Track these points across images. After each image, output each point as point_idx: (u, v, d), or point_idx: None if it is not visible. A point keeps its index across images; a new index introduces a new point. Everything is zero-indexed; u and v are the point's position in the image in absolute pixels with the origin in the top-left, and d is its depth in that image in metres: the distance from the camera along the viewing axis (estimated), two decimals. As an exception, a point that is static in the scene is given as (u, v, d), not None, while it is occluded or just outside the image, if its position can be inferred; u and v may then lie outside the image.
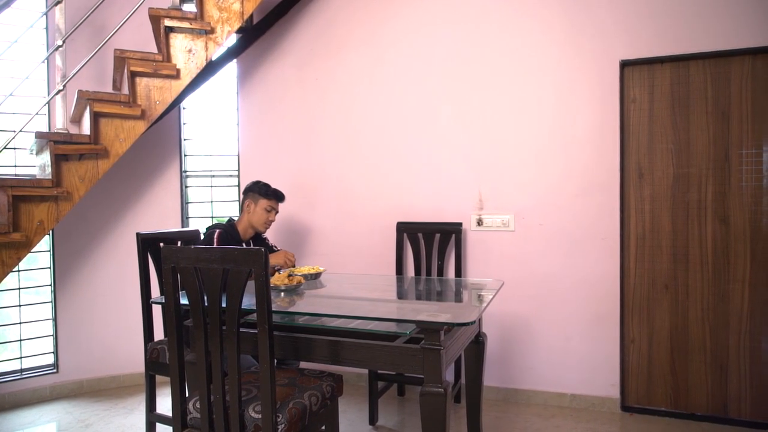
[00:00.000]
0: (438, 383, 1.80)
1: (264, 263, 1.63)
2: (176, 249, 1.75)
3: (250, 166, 3.77)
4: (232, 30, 3.07)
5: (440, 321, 1.81)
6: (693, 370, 2.92)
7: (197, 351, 1.77)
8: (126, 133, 2.91)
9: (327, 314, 2.05)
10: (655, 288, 2.99)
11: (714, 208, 2.87)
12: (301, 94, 3.65)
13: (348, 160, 3.55)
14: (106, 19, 3.34)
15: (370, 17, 3.47)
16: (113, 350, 3.61)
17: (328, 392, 2.00)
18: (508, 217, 3.19)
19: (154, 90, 2.96)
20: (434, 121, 3.34)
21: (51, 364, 3.49)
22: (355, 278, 3.01)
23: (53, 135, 2.76)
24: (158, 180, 3.74)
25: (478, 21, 3.23)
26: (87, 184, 2.82)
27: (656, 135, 2.96)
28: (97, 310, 3.58)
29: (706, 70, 2.86)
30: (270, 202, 2.89)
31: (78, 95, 2.88)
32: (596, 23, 3.00)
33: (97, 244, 3.59)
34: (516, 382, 3.23)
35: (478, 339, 2.47)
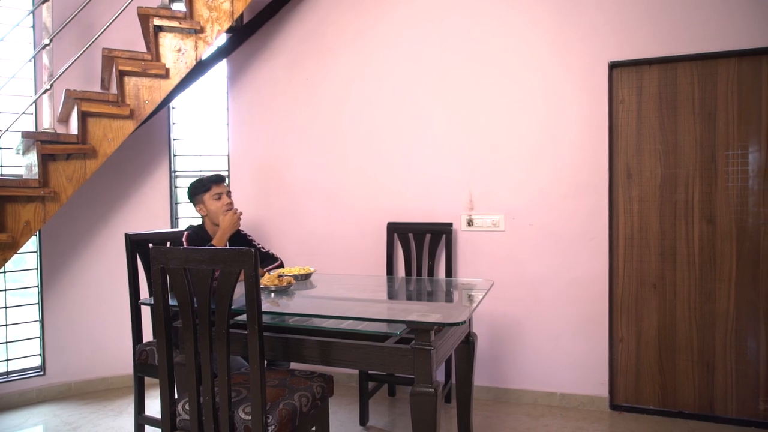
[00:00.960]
0: (428, 383, 1.81)
1: (254, 264, 1.62)
2: (165, 250, 1.74)
3: (239, 166, 3.75)
4: (222, 29, 3.06)
5: (430, 321, 1.82)
6: (680, 369, 2.95)
7: (186, 352, 1.76)
8: (114, 133, 2.88)
9: (317, 315, 2.05)
10: (644, 287, 3.01)
11: (701, 209, 2.90)
12: (291, 94, 3.64)
13: (338, 160, 3.55)
14: (94, 18, 3.31)
15: (360, 17, 3.46)
16: (101, 352, 3.58)
17: (318, 393, 2.00)
18: (498, 217, 3.20)
19: (143, 89, 2.94)
20: (425, 122, 3.34)
21: (38, 366, 3.45)
22: (345, 279, 3.01)
23: (40, 135, 2.73)
24: (147, 180, 3.71)
25: (469, 22, 3.24)
26: (75, 184, 2.80)
27: (644, 136, 2.99)
28: (85, 312, 3.55)
29: (693, 71, 2.89)
30: (212, 192, 2.77)
31: (65, 94, 2.85)
32: (585, 25, 3.03)
33: (85, 245, 3.55)
34: (506, 381, 3.25)
35: (469, 339, 2.47)
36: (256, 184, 3.67)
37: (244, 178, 3.44)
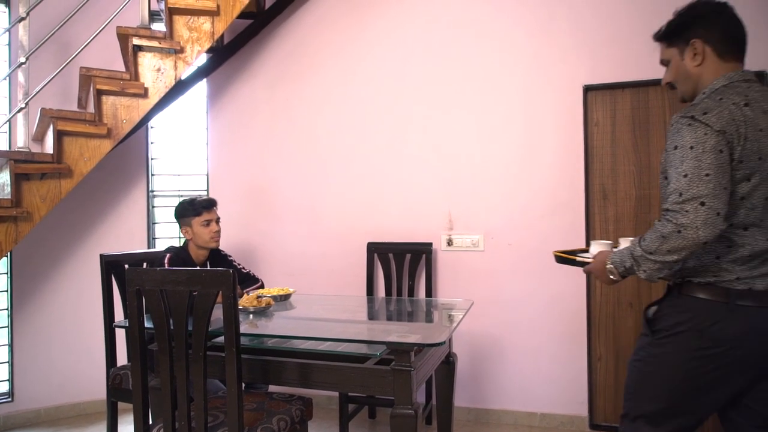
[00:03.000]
0: (409, 405, 1.79)
1: (232, 285, 1.61)
2: (141, 271, 1.72)
3: (219, 185, 3.73)
4: (202, 50, 3.06)
5: (410, 342, 1.81)
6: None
7: (162, 376, 1.72)
8: (91, 152, 2.85)
9: (296, 336, 2.03)
10: (620, 306, 3.05)
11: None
12: (271, 114, 3.64)
13: (318, 180, 3.55)
14: (72, 37, 3.29)
15: (339, 39, 3.50)
16: (73, 377, 3.47)
17: (297, 416, 1.97)
18: (477, 237, 3.23)
19: (121, 109, 2.92)
20: (404, 142, 3.37)
21: (6, 392, 3.33)
22: (325, 299, 2.99)
23: (14, 153, 2.68)
24: (124, 200, 3.66)
25: (447, 44, 3.30)
26: (49, 204, 2.74)
27: (619, 157, 3.06)
28: (57, 335, 3.45)
29: (664, 95, 2.98)
30: (202, 217, 2.70)
31: (41, 113, 2.81)
32: (561, 49, 3.11)
33: (58, 267, 3.47)
34: (486, 402, 3.24)
35: (449, 359, 2.47)
36: (236, 204, 3.65)
37: (224, 198, 3.40)
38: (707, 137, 1.34)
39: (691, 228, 1.31)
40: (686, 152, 1.35)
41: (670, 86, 1.63)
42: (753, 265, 1.40)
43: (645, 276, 1.42)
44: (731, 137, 1.36)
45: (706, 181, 1.31)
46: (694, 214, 1.31)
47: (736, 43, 1.51)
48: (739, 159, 1.36)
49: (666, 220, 1.36)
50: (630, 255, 1.45)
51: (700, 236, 1.30)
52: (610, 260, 1.51)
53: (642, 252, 1.40)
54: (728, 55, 1.49)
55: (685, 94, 1.59)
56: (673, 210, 1.34)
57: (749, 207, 1.38)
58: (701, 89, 1.51)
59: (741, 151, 1.36)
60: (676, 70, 1.56)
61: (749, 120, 1.37)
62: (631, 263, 1.45)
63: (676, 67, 1.56)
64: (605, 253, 1.58)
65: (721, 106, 1.38)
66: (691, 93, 1.56)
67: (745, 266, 1.39)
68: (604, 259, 1.55)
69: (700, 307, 1.42)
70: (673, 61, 1.56)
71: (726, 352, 1.38)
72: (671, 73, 1.59)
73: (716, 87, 1.47)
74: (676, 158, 1.37)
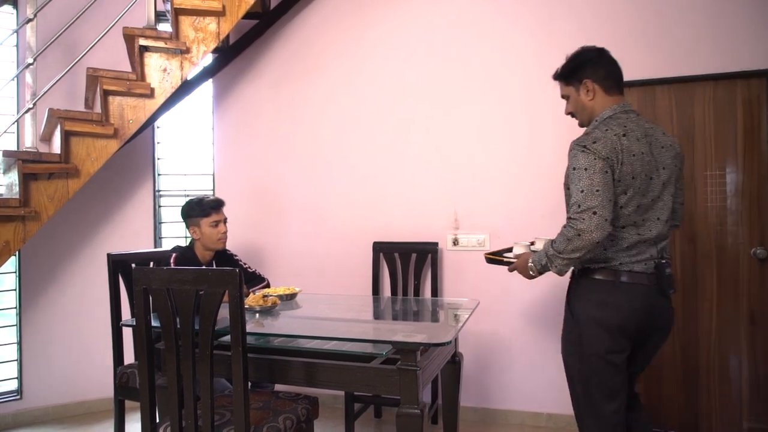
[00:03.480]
0: (414, 404, 1.79)
1: (238, 284, 1.61)
2: (148, 270, 1.72)
3: (225, 185, 3.74)
4: (208, 50, 3.07)
5: (416, 341, 1.81)
6: (665, 388, 2.97)
7: (169, 374, 1.73)
8: (98, 152, 2.86)
9: (302, 335, 2.03)
10: (627, 306, 3.04)
11: (681, 228, 2.95)
12: (276, 113, 3.65)
13: (324, 179, 3.55)
14: (79, 38, 3.31)
15: (343, 38, 3.51)
16: (81, 375, 3.50)
17: (303, 415, 1.97)
18: (483, 236, 3.22)
19: (128, 109, 2.93)
20: (409, 141, 3.37)
21: (14, 390, 3.36)
22: (331, 299, 2.99)
23: (22, 153, 2.70)
24: (131, 200, 3.68)
25: (451, 44, 3.30)
26: (56, 203, 2.76)
27: (625, 156, 3.05)
28: (65, 334, 3.47)
29: (671, 94, 2.97)
30: (211, 218, 2.68)
31: (48, 113, 2.83)
32: (564, 47, 3.07)
33: (65, 266, 3.49)
34: (493, 402, 3.23)
35: (455, 359, 2.47)
36: (242, 204, 3.65)
37: (230, 198, 3.40)
38: (596, 161, 1.73)
39: (587, 232, 1.68)
40: (582, 173, 1.74)
41: (571, 115, 2.02)
42: (632, 253, 1.80)
43: (557, 271, 1.80)
44: (612, 162, 1.74)
45: (597, 195, 1.70)
46: (589, 221, 1.68)
47: (616, 80, 1.91)
48: (618, 178, 1.75)
49: (569, 226, 1.74)
50: (545, 255, 1.82)
51: (594, 238, 1.69)
52: (531, 260, 1.88)
53: (554, 252, 1.78)
54: (612, 90, 1.90)
55: (583, 122, 1.98)
56: (573, 218, 1.72)
57: (626, 213, 1.78)
58: (594, 118, 1.91)
59: (619, 173, 1.75)
60: (575, 104, 1.95)
61: (625, 148, 1.76)
62: (546, 261, 1.82)
63: (575, 101, 1.95)
64: (527, 254, 1.96)
65: (606, 137, 1.77)
66: (588, 121, 1.95)
67: (625, 254, 1.80)
68: (527, 258, 1.92)
69: (597, 285, 1.83)
70: (572, 96, 1.95)
71: (612, 317, 1.78)
72: (572, 105, 1.98)
73: (604, 117, 1.87)
74: (575, 177, 1.76)
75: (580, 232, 1.69)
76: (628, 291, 1.78)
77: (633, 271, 1.79)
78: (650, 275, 1.80)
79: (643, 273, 1.79)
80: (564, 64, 1.96)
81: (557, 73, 1.99)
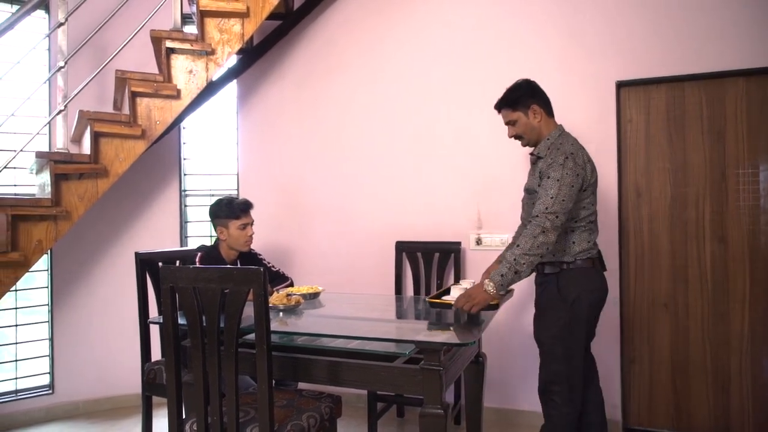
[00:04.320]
0: (438, 404, 1.79)
1: (263, 283, 1.63)
2: (175, 269, 1.75)
3: (249, 184, 3.78)
4: (233, 51, 3.11)
5: (439, 341, 1.81)
6: (695, 390, 2.90)
7: (195, 372, 1.75)
8: (126, 153, 2.92)
9: (326, 334, 2.04)
10: (655, 307, 2.98)
11: (712, 228, 2.88)
12: (299, 113, 3.67)
13: (346, 178, 3.56)
14: (108, 41, 3.38)
15: (367, 37, 3.51)
16: (109, 371, 3.58)
17: (326, 414, 1.98)
18: (506, 236, 3.19)
19: (155, 110, 2.98)
20: (432, 141, 3.36)
21: (47, 385, 3.45)
22: (353, 298, 3.00)
23: (53, 154, 2.77)
24: (157, 199, 3.74)
25: (475, 42, 3.28)
26: (86, 203, 2.83)
27: (653, 155, 2.99)
28: (94, 331, 3.55)
29: (701, 91, 2.89)
30: (240, 221, 2.70)
31: (79, 115, 2.90)
32: (592, 44, 3.05)
33: (94, 264, 3.58)
34: (517, 403, 3.20)
35: (478, 359, 2.45)
36: (266, 203, 3.69)
37: (254, 197, 3.44)
38: (570, 173, 2.08)
39: (549, 230, 2.02)
40: (554, 183, 2.06)
41: (516, 137, 2.30)
42: (594, 243, 2.23)
43: (525, 268, 2.03)
44: (584, 174, 2.13)
45: (562, 204, 2.05)
46: (551, 222, 2.02)
47: (550, 106, 2.29)
48: (583, 188, 2.14)
49: (534, 224, 2.04)
50: (506, 266, 2.03)
51: (551, 237, 2.03)
52: (489, 279, 2.04)
53: (520, 253, 2.03)
54: (550, 114, 2.29)
55: (530, 142, 2.28)
56: (539, 217, 2.04)
57: (592, 211, 2.21)
58: (542, 138, 2.25)
59: (587, 183, 2.15)
60: (524, 127, 2.25)
61: (588, 159, 2.18)
62: (508, 269, 2.03)
63: (525, 124, 2.24)
64: (477, 285, 2.12)
65: (579, 151, 2.17)
66: (536, 141, 2.26)
67: (594, 244, 2.23)
68: (479, 284, 2.09)
69: (586, 272, 2.20)
70: (521, 120, 2.25)
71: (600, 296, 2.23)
72: (520, 128, 2.26)
73: (556, 135, 2.24)
74: (548, 184, 2.07)
75: (544, 229, 2.01)
76: (601, 275, 2.26)
77: (600, 257, 2.25)
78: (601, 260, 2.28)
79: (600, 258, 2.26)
80: (509, 94, 2.25)
81: (504, 101, 2.26)
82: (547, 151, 2.19)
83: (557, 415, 2.24)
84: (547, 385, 2.28)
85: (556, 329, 2.20)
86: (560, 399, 2.23)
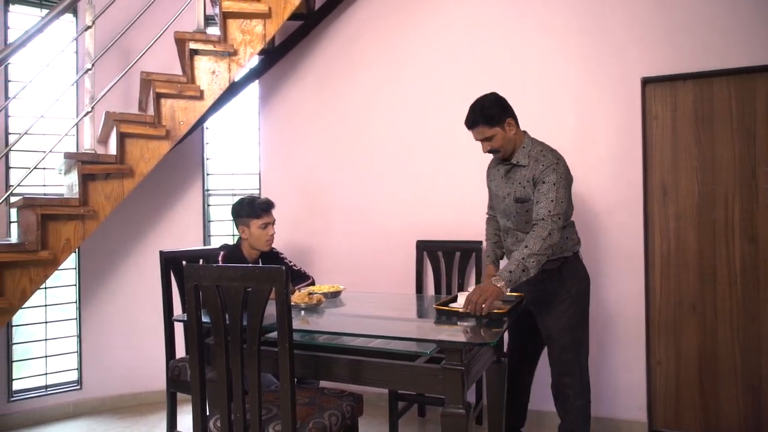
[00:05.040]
0: (459, 404, 1.77)
1: (285, 282, 1.64)
2: (198, 267, 1.77)
3: (271, 184, 3.81)
4: (255, 52, 3.13)
5: (461, 341, 1.79)
6: (723, 393, 2.83)
7: (218, 369, 1.77)
8: (151, 153, 2.96)
9: (347, 333, 2.04)
10: (682, 308, 2.92)
11: (742, 227, 2.81)
12: (320, 112, 3.69)
13: (367, 177, 3.56)
14: (133, 43, 3.43)
15: (388, 36, 3.51)
16: (135, 368, 3.64)
17: (348, 412, 1.98)
18: (529, 235, 3.15)
19: (179, 111, 3.03)
20: (453, 139, 3.34)
21: (75, 380, 3.53)
22: (374, 297, 3.00)
23: (81, 155, 2.83)
24: (181, 199, 3.80)
25: (497, 40, 3.25)
26: (112, 203, 2.88)
27: (680, 152, 2.92)
28: (120, 328, 3.62)
29: (730, 87, 2.82)
30: (261, 220, 2.72)
31: (105, 116, 2.95)
32: (616, 41, 2.99)
33: (120, 262, 3.64)
34: (539, 403, 3.16)
35: (500, 359, 2.43)
36: (287, 202, 3.71)
37: (275, 197, 3.47)
38: (563, 176, 2.24)
39: (555, 231, 2.16)
40: (552, 186, 2.20)
41: (492, 151, 2.36)
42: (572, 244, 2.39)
43: (533, 266, 2.12)
44: (570, 175, 2.32)
45: (562, 205, 2.19)
46: (556, 224, 2.16)
47: (516, 116, 2.37)
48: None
49: (541, 226, 2.16)
50: (514, 264, 2.11)
51: (555, 238, 2.17)
52: (498, 276, 2.11)
53: (529, 253, 2.12)
54: (518, 124, 2.37)
55: (506, 153, 2.36)
56: (545, 220, 2.16)
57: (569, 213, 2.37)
58: (517, 148, 2.35)
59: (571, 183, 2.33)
60: (502, 140, 2.31)
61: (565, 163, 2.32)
62: (516, 266, 2.10)
63: (502, 138, 2.31)
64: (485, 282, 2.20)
65: (559, 157, 2.30)
66: (511, 151, 2.36)
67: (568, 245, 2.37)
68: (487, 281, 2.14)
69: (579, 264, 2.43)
70: (498, 135, 2.30)
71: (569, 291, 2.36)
72: (498, 143, 2.32)
73: (530, 143, 2.35)
74: (546, 189, 2.21)
75: (551, 231, 2.14)
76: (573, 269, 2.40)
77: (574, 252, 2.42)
78: None
79: None
80: (485, 111, 2.29)
81: (482, 118, 2.29)
82: (528, 159, 2.30)
83: (572, 410, 2.36)
84: (559, 378, 2.39)
85: (564, 321, 2.34)
86: (572, 392, 2.35)
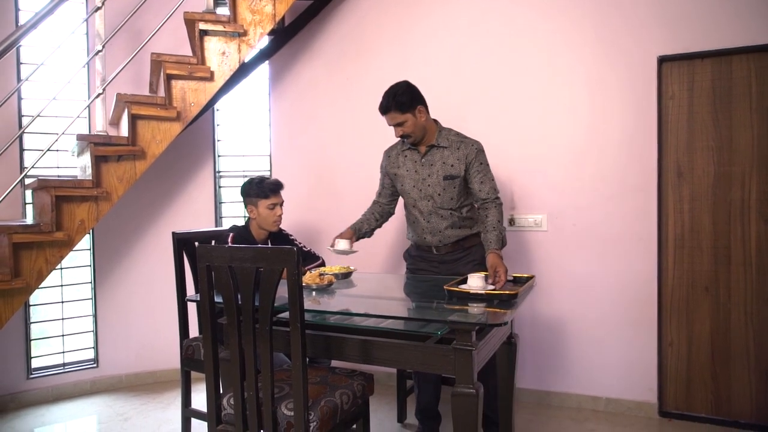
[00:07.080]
0: (470, 384, 1.78)
1: (296, 262, 1.64)
2: (211, 248, 1.78)
3: (281, 165, 3.81)
4: (265, 32, 3.11)
5: (472, 321, 1.80)
6: (736, 376, 2.82)
7: (231, 348, 1.80)
8: (162, 135, 2.97)
9: (358, 314, 2.05)
10: (695, 290, 2.89)
11: (758, 208, 2.76)
12: (331, 94, 3.67)
13: (378, 159, 3.54)
14: (143, 25, 3.43)
15: (399, 17, 3.46)
16: (150, 346, 3.71)
17: (359, 391, 2.01)
18: (540, 216, 3.14)
19: (189, 92, 3.02)
20: (465, 121, 3.30)
21: (92, 359, 3.60)
22: (385, 278, 3.01)
23: (93, 137, 2.84)
24: (193, 180, 3.82)
25: (508, 20, 3.19)
26: (125, 184, 2.90)
27: (696, 132, 2.87)
28: (135, 308, 3.68)
29: (750, 65, 2.76)
30: (269, 200, 2.73)
31: (117, 98, 2.96)
32: (632, 18, 2.93)
33: (134, 243, 3.69)
34: (549, 384, 3.18)
35: (510, 340, 2.43)
36: (298, 183, 3.72)
37: (286, 178, 3.48)
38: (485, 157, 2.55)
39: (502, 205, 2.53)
40: (487, 168, 2.53)
41: (404, 136, 2.51)
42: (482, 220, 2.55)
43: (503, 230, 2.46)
44: None
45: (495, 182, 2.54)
46: (501, 199, 2.52)
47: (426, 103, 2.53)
48: None
49: (498, 202, 2.48)
50: (495, 233, 2.39)
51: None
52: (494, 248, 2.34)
53: (497, 221, 2.43)
54: (428, 111, 2.53)
55: (417, 138, 2.52)
56: (498, 198, 2.49)
57: None
58: (429, 132, 2.53)
59: None
60: (413, 125, 2.47)
61: None
62: (499, 231, 2.41)
63: (414, 124, 2.47)
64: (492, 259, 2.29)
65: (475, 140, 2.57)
66: (422, 136, 2.53)
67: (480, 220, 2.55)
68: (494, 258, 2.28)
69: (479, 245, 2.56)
70: (410, 120, 2.45)
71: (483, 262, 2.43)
72: (409, 128, 2.47)
73: (444, 128, 2.58)
74: (484, 169, 2.51)
75: (502, 204, 2.49)
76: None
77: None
78: None
79: None
80: (398, 98, 2.42)
81: (394, 105, 2.42)
82: (448, 142, 2.51)
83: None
84: None
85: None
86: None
